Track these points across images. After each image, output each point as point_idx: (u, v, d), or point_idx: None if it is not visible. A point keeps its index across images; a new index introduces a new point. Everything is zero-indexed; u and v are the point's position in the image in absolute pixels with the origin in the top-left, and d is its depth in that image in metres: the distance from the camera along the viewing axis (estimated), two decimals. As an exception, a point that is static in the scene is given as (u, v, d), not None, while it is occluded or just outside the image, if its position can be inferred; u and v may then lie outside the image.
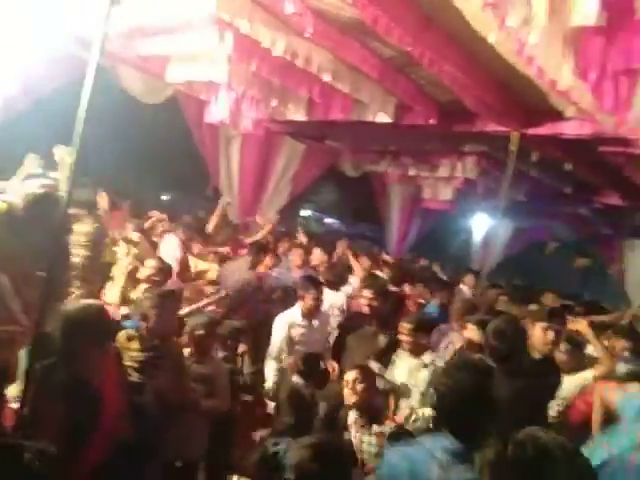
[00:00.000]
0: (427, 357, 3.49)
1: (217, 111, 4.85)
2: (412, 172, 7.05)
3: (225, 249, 5.89)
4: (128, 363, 2.59)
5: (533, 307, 5.65)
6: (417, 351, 3.51)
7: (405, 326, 3.55)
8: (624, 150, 4.41)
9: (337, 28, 3.47)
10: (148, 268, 3.88)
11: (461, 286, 6.48)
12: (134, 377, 2.57)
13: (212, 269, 4.95)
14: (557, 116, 4.18)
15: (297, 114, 4.96)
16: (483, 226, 9.76)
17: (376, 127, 5.16)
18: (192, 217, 6.50)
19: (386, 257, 7.83)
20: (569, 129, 4.30)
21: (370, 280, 4.86)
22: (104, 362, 2.31)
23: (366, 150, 7.33)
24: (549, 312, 4.65)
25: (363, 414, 2.83)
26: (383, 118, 4.74)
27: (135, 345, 2.66)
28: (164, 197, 14.24)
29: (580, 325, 3.79)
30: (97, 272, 3.99)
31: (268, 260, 5.18)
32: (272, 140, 7.51)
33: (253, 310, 4.77)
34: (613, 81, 2.73)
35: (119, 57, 4.63)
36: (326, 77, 3.93)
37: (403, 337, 3.55)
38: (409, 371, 3.47)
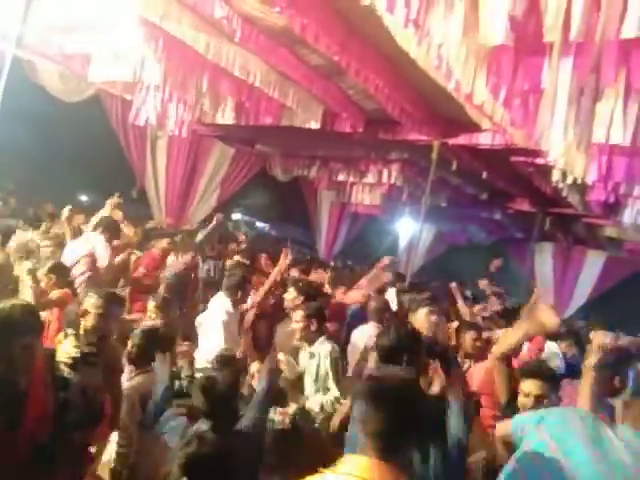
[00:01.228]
0: (316, 347, 3.50)
1: (143, 112, 4.73)
2: (341, 177, 7.22)
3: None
4: (62, 359, 2.52)
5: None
6: (308, 339, 3.51)
7: (299, 312, 3.57)
8: (533, 161, 4.79)
9: (266, 34, 3.51)
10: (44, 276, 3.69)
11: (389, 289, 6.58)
12: (64, 372, 2.50)
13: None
14: (474, 127, 4.47)
15: (226, 118, 4.94)
16: (408, 230, 10.16)
17: (305, 133, 5.25)
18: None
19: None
20: (484, 140, 4.61)
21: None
22: (34, 363, 2.22)
23: (296, 155, 7.41)
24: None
25: None
26: (312, 124, 4.83)
27: (71, 342, 2.59)
28: (84, 198, 13.58)
29: None
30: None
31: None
32: (200, 143, 7.41)
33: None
34: (522, 98, 2.97)
35: (39, 52, 4.40)
36: (255, 82, 3.96)
37: (296, 325, 3.55)
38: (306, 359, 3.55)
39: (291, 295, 4.20)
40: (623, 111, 2.64)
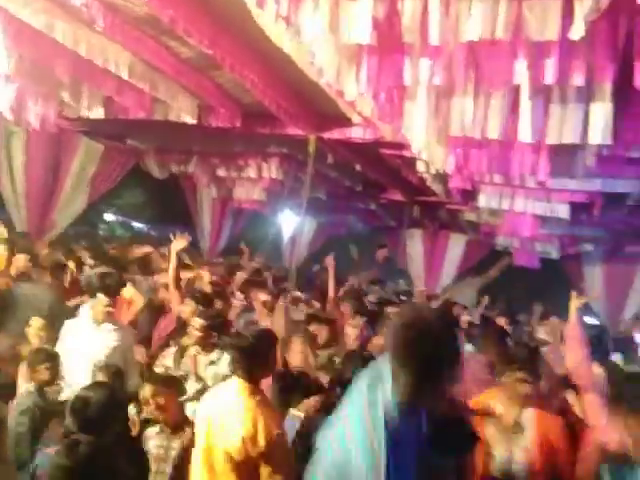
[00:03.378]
0: (215, 355, 3.61)
1: (-7, 105, 4.25)
2: (220, 173, 7.11)
3: None
4: None
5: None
6: (207, 348, 3.62)
7: (197, 321, 3.65)
8: (400, 153, 5.14)
9: (131, 24, 3.35)
10: None
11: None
12: None
13: None
14: (346, 122, 4.68)
15: (92, 111, 4.62)
16: (290, 224, 10.34)
17: (180, 127, 5.10)
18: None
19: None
20: (356, 134, 4.85)
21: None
22: None
23: (171, 150, 7.15)
24: None
25: (168, 425, 2.78)
26: (186, 119, 4.70)
27: None
28: None
29: None
30: None
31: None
32: (64, 139, 6.84)
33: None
34: (388, 94, 3.18)
35: None
36: (123, 74, 3.76)
37: (195, 332, 3.62)
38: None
39: (189, 307, 4.13)
40: (473, 107, 2.96)
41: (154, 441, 2.72)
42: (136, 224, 15.15)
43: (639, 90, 2.44)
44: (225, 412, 2.35)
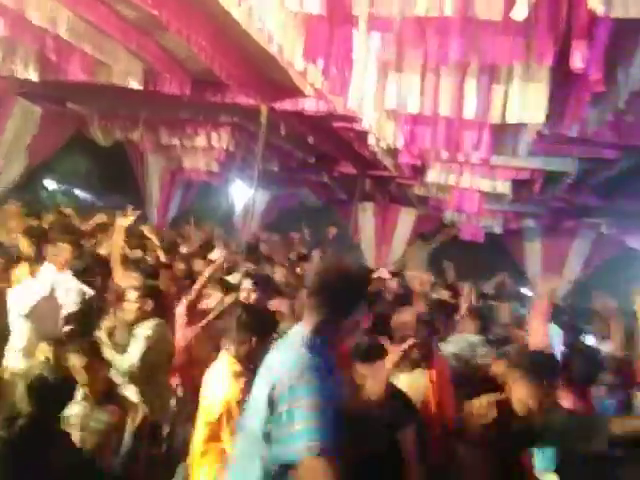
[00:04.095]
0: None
1: None
2: (168, 141, 6.89)
3: None
4: None
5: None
6: (138, 318, 3.42)
7: (133, 293, 3.45)
8: (352, 126, 5.14)
9: (70, -20, 3.16)
10: None
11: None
12: None
13: None
14: (299, 93, 4.62)
15: (27, 72, 4.34)
16: (242, 195, 10.21)
17: (126, 92, 4.88)
18: None
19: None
20: (309, 106, 4.79)
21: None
22: None
23: (116, 116, 6.85)
24: None
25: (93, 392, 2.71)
26: (131, 83, 4.51)
27: None
28: None
29: None
30: None
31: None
32: (-2, 100, 6.42)
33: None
34: (338, 67, 3.15)
35: None
36: (62, 33, 3.54)
37: (128, 305, 3.41)
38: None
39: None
40: (421, 83, 2.98)
41: (75, 410, 2.63)
42: (80, 193, 14.50)
43: (577, 71, 2.54)
44: (209, 378, 2.60)
